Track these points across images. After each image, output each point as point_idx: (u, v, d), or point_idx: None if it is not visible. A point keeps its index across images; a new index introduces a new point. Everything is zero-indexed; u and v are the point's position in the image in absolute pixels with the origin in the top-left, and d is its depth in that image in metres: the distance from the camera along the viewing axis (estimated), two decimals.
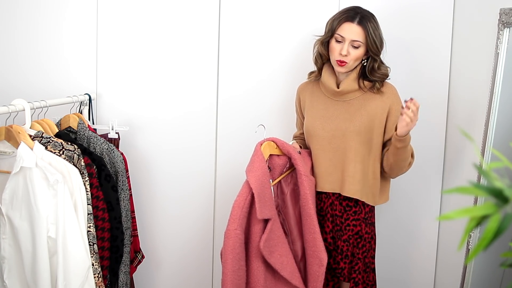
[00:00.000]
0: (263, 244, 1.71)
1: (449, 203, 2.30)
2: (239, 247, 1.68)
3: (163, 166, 2.43)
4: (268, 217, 1.74)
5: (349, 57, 1.83)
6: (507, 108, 1.78)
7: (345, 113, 1.90)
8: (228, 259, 1.66)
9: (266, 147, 1.89)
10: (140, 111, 2.40)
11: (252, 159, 1.82)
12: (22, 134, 1.73)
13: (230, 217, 1.71)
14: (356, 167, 1.88)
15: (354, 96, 1.91)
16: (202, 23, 2.36)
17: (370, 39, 1.81)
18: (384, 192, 1.98)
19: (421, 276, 2.40)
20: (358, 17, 1.82)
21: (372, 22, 1.83)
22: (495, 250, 0.98)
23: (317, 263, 1.82)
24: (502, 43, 1.76)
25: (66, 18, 2.37)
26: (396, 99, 1.89)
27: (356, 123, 1.87)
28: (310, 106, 2.00)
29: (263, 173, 1.78)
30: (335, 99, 1.94)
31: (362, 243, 1.92)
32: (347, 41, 1.82)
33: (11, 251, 1.71)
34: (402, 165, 1.86)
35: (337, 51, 1.85)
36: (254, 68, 2.37)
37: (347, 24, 1.83)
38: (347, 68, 1.87)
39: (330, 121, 1.92)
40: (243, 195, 1.73)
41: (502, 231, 0.63)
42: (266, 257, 1.73)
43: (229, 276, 1.67)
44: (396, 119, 1.86)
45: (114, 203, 1.95)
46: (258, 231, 1.75)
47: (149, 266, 2.45)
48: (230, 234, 1.67)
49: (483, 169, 0.69)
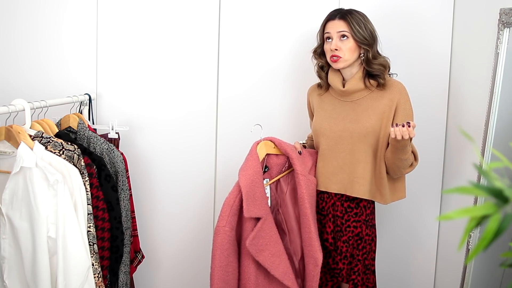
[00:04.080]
0: (249, 242, 1.74)
1: (449, 203, 2.30)
2: (227, 243, 1.74)
3: (163, 166, 2.43)
4: (257, 215, 1.77)
5: (341, 51, 1.86)
6: (507, 108, 1.78)
7: (352, 113, 1.90)
8: (216, 255, 1.73)
9: (263, 146, 1.91)
10: (140, 111, 2.40)
11: (246, 158, 1.86)
12: (22, 134, 1.73)
13: (220, 214, 1.77)
14: (365, 168, 1.87)
15: (361, 95, 1.91)
16: (202, 23, 2.36)
17: (354, 30, 1.85)
18: (396, 190, 1.95)
19: (421, 276, 2.40)
20: (339, 14, 1.89)
21: (354, 15, 1.87)
22: (495, 250, 0.98)
23: (313, 263, 1.84)
24: (502, 43, 1.76)
25: (66, 18, 2.37)
26: (403, 96, 1.87)
27: (363, 124, 1.87)
28: (318, 107, 2.01)
29: (255, 172, 1.80)
30: (342, 100, 1.94)
31: (362, 244, 1.91)
32: (334, 35, 1.87)
33: (11, 251, 1.71)
34: (400, 164, 1.83)
35: (328, 49, 1.90)
36: (254, 67, 2.37)
37: (330, 22, 1.90)
38: (343, 62, 1.87)
39: (338, 122, 1.92)
40: (234, 193, 1.78)
41: (502, 231, 0.63)
42: (254, 255, 1.76)
43: (217, 271, 1.73)
44: (403, 116, 1.85)
45: (114, 203, 1.95)
46: (249, 229, 1.78)
47: (149, 266, 2.45)
48: (219, 230, 1.74)
49: (483, 169, 0.68)
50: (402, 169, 1.86)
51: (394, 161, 1.83)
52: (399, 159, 1.81)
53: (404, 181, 1.98)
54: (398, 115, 1.86)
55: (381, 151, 1.87)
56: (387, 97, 1.87)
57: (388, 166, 1.87)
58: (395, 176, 1.92)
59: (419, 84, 2.26)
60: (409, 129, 1.68)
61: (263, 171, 1.92)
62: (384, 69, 1.88)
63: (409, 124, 1.68)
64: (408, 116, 1.87)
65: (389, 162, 1.86)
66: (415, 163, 1.89)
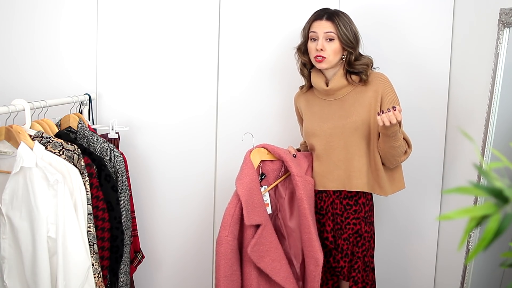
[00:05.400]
0: (251, 249, 1.76)
1: (449, 203, 2.30)
2: (230, 253, 1.76)
3: (163, 166, 2.43)
4: (257, 222, 1.79)
5: (326, 52, 1.87)
6: (507, 108, 1.78)
7: (340, 110, 1.92)
8: (220, 265, 1.75)
9: (256, 154, 1.93)
10: (140, 111, 2.40)
11: (241, 167, 1.88)
12: (22, 134, 1.73)
13: (221, 224, 1.79)
14: (360, 161, 1.89)
15: (345, 92, 1.92)
16: (202, 24, 2.36)
17: (341, 32, 1.86)
18: (395, 180, 1.96)
19: (421, 276, 2.40)
20: (326, 15, 1.89)
21: (341, 17, 1.88)
22: (495, 250, 0.98)
23: (313, 263, 1.84)
24: (502, 43, 1.76)
25: (66, 18, 2.37)
26: (387, 86, 1.90)
27: (352, 118, 1.89)
28: (307, 110, 2.02)
29: (251, 179, 1.82)
30: (328, 99, 1.96)
31: (362, 241, 1.92)
32: (321, 36, 1.88)
33: (11, 251, 1.71)
34: (394, 152, 1.84)
35: (313, 49, 1.90)
36: (255, 70, 2.37)
37: (317, 21, 1.90)
38: (327, 63, 1.88)
39: (327, 121, 1.93)
40: (233, 202, 1.81)
41: (502, 231, 0.63)
42: (256, 262, 1.77)
43: (222, 281, 1.75)
44: (389, 105, 1.86)
45: (114, 203, 1.95)
46: (250, 236, 1.80)
47: (149, 266, 2.45)
48: (221, 240, 1.76)
49: (483, 169, 0.68)
50: (396, 157, 1.86)
51: (387, 150, 1.84)
52: (392, 147, 1.82)
53: (402, 171, 1.99)
54: (384, 105, 1.88)
55: (373, 143, 1.89)
56: (371, 89, 1.89)
57: (383, 156, 1.88)
58: (392, 166, 1.92)
59: (419, 84, 2.26)
60: (395, 113, 1.70)
61: (260, 179, 1.94)
62: (367, 67, 1.91)
63: (395, 108, 1.70)
64: (394, 103, 1.88)
65: (382, 152, 1.87)
66: (409, 150, 1.90)
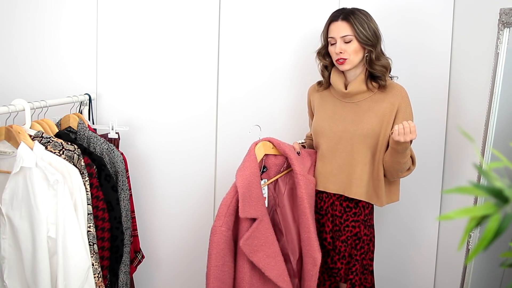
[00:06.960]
0: (243, 242, 1.75)
1: (449, 203, 2.30)
2: (223, 243, 1.75)
3: (163, 166, 2.43)
4: (252, 216, 1.77)
5: (346, 53, 1.86)
6: (507, 108, 1.78)
7: (353, 115, 1.90)
8: (212, 254, 1.74)
9: (261, 147, 1.92)
10: (140, 111, 2.40)
11: (244, 158, 1.87)
12: (22, 134, 1.73)
13: (217, 214, 1.78)
14: (363, 169, 1.88)
15: (362, 97, 1.91)
16: (202, 24, 2.36)
17: (358, 31, 1.84)
18: (391, 192, 1.96)
19: (421, 276, 2.40)
20: (341, 15, 1.87)
21: (357, 16, 1.86)
22: (495, 250, 0.98)
23: (311, 262, 1.84)
24: (502, 43, 1.76)
25: (66, 19, 2.37)
26: (404, 100, 1.88)
27: (364, 125, 1.87)
28: (319, 106, 2.01)
29: (252, 172, 1.81)
30: (344, 101, 1.94)
31: (361, 244, 1.92)
32: (338, 39, 1.86)
33: (11, 251, 1.71)
34: (398, 168, 1.84)
35: (334, 52, 1.89)
36: (255, 70, 2.37)
37: (333, 24, 1.89)
38: (349, 64, 1.87)
39: (339, 123, 1.92)
40: (231, 193, 1.79)
41: (502, 231, 0.63)
42: (248, 255, 1.76)
43: (213, 270, 1.75)
44: (403, 120, 1.84)
45: (114, 203, 1.95)
46: (245, 229, 1.79)
47: (149, 266, 2.45)
48: (215, 230, 1.75)
49: (483, 169, 0.68)
50: (399, 172, 1.87)
51: (392, 164, 1.84)
52: (397, 163, 1.82)
53: (399, 185, 2.00)
54: (398, 119, 1.86)
55: (379, 154, 1.88)
56: (388, 100, 1.87)
57: (386, 169, 1.88)
58: (392, 179, 1.92)
59: (419, 84, 2.26)
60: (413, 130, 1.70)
61: (261, 171, 1.92)
62: (385, 70, 1.89)
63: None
64: (409, 118, 1.87)
65: (387, 165, 1.86)
66: (413, 167, 1.90)
